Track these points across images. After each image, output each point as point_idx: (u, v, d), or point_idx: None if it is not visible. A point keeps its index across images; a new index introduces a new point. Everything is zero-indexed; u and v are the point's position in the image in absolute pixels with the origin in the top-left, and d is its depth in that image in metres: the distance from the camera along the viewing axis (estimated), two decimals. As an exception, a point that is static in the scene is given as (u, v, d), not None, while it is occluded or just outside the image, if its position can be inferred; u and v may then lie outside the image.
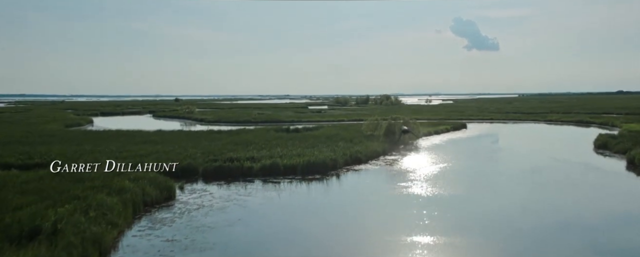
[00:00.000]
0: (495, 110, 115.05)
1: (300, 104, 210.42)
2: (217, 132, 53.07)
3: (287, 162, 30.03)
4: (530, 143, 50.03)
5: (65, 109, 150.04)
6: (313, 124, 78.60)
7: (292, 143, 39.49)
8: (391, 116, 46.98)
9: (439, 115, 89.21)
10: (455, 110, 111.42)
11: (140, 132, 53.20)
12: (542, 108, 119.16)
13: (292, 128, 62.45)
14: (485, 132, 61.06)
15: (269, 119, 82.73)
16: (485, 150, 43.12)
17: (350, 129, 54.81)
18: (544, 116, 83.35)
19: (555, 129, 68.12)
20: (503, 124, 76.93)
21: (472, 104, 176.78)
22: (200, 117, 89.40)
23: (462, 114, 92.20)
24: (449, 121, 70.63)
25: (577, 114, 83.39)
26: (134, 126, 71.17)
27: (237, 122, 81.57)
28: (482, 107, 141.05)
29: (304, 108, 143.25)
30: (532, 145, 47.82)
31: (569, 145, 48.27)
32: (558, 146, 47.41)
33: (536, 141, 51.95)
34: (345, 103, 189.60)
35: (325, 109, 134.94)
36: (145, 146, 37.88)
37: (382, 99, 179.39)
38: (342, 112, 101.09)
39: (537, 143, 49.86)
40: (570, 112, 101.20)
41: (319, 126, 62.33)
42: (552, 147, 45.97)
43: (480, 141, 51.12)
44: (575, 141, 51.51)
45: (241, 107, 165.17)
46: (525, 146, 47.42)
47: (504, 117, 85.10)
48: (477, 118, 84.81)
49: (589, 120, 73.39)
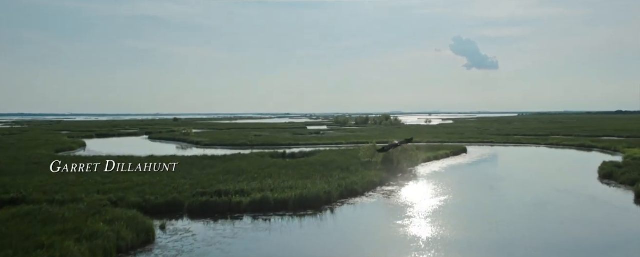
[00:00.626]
0: (495, 132, 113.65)
1: (299, 123, 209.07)
2: (211, 158, 51.59)
3: (279, 197, 28.48)
4: (532, 171, 48.40)
5: (61, 130, 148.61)
6: (310, 147, 77.23)
7: (286, 172, 38.02)
8: (389, 142, 45.36)
9: (439, 138, 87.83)
10: (455, 132, 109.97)
11: (131, 158, 51.72)
12: (542, 129, 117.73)
13: (289, 152, 61.18)
14: (486, 158, 59.46)
15: (265, 142, 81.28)
16: (487, 179, 41.56)
17: (347, 154, 53.37)
18: (545, 139, 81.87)
19: (557, 153, 66.64)
20: (504, 148, 75.45)
21: (472, 124, 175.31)
22: (197, 139, 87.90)
23: (462, 136, 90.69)
24: (448, 145, 69.04)
25: (578, 138, 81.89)
26: (127, 150, 69.62)
27: (234, 145, 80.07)
28: (483, 128, 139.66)
29: (302, 128, 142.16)
30: (535, 173, 46.16)
31: (572, 174, 46.64)
32: (561, 174, 45.85)
33: (538, 168, 50.28)
34: (344, 123, 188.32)
35: (325, 130, 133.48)
36: (132, 175, 36.32)
37: (382, 119, 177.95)
38: (341, 134, 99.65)
39: (540, 171, 48.22)
40: (571, 134, 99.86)
41: (315, 151, 60.92)
42: (555, 175, 44.45)
43: (481, 168, 49.51)
44: (579, 169, 49.88)
45: (239, 127, 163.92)
46: (528, 174, 45.82)
47: (505, 140, 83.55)
48: (478, 141, 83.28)
49: (591, 144, 71.85)
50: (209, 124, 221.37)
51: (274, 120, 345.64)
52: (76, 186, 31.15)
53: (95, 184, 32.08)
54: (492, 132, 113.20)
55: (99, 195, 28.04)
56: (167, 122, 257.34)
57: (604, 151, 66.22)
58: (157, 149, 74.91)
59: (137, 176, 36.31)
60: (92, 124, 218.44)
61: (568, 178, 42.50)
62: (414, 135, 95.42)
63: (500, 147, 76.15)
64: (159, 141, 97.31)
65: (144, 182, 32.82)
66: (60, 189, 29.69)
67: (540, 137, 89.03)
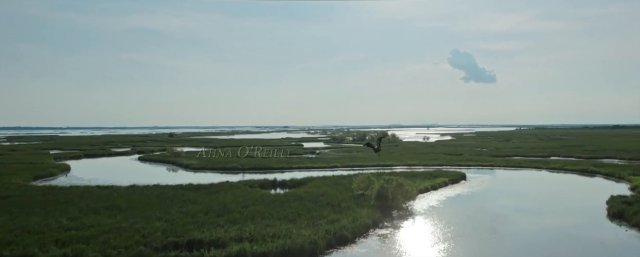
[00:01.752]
0: (494, 151, 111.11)
1: (296, 139, 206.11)
2: (195, 189, 48.75)
3: (258, 249, 25.58)
4: (536, 205, 45.16)
5: (50, 148, 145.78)
6: (304, 171, 74.56)
7: (272, 211, 35.29)
8: (384, 178, 42.45)
9: (436, 160, 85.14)
10: (453, 152, 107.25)
11: (111, 188, 48.91)
12: (542, 149, 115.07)
13: (280, 180, 58.32)
14: (486, 186, 56.35)
15: (257, 165, 78.57)
16: (487, 218, 38.49)
17: (340, 185, 50.57)
18: (546, 162, 79.00)
19: (560, 180, 63.74)
20: (504, 172, 72.73)
21: (470, 141, 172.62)
22: (187, 162, 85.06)
23: (460, 158, 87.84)
24: (446, 170, 66.14)
25: (580, 162, 78.85)
26: (111, 176, 66.89)
27: (224, 169, 77.26)
28: (481, 146, 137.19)
29: (298, 146, 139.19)
30: (539, 209, 42.93)
31: (579, 210, 43.53)
32: (567, 210, 42.82)
33: (542, 202, 47.00)
34: (341, 140, 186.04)
35: (321, 149, 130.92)
36: (102, 217, 33.43)
37: (380, 135, 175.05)
38: (336, 155, 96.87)
39: (544, 206, 44.98)
40: (572, 156, 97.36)
41: (307, 179, 57.97)
42: (561, 213, 41.49)
43: (481, 203, 46.33)
44: (585, 203, 46.72)
45: (235, 145, 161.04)
46: (532, 210, 42.75)
47: (505, 162, 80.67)
48: (476, 163, 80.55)
49: (593, 169, 69.01)
50: (205, 141, 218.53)
51: (271, 135, 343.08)
52: (35, 233, 28.17)
53: (58, 229, 29.15)
54: (491, 151, 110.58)
55: (56, 248, 25.09)
56: (163, 138, 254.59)
57: (608, 178, 63.62)
58: (144, 174, 72.16)
59: (108, 217, 33.45)
60: (85, 140, 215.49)
61: (575, 217, 39.56)
62: (411, 156, 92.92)
63: (500, 171, 73.40)
64: (149, 163, 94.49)
65: (112, 227, 29.90)
66: (14, 239, 26.73)
67: (541, 160, 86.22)
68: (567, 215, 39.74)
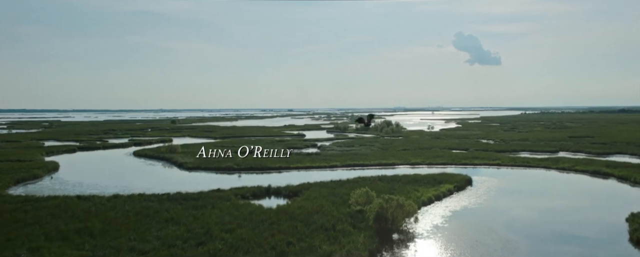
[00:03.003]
0: (500, 143, 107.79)
1: (298, 127, 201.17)
2: (181, 201, 45.65)
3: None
4: (547, 225, 41.23)
5: (47, 138, 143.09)
6: (302, 171, 71.55)
7: (257, 235, 31.97)
8: (383, 197, 38.83)
9: (441, 158, 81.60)
10: (459, 146, 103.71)
11: (91, 200, 45.73)
12: (548, 141, 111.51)
13: (274, 187, 54.83)
14: (493, 194, 52.69)
15: (254, 165, 75.33)
16: (497, 242, 35.07)
17: (338, 195, 47.30)
18: (555, 162, 75.23)
19: (571, 185, 60.14)
20: (511, 172, 69.54)
21: (475, 131, 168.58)
22: (181, 160, 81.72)
23: (466, 156, 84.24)
24: (451, 174, 62.33)
25: (591, 161, 74.65)
26: (97, 179, 63.69)
27: (219, 169, 74.14)
28: (487, 137, 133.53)
29: (299, 137, 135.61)
30: (550, 232, 38.82)
31: (597, 229, 39.77)
32: (582, 233, 38.96)
33: (553, 221, 42.93)
34: (344, 129, 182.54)
35: (323, 140, 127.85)
36: (68, 245, 30.19)
37: (383, 125, 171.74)
38: (337, 152, 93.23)
39: (556, 226, 41.07)
40: (581, 151, 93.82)
41: (304, 186, 54.54)
42: (575, 237, 37.75)
43: (489, 220, 42.59)
44: (602, 221, 42.58)
45: (236, 135, 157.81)
46: (543, 233, 38.79)
47: (512, 161, 76.98)
48: (482, 162, 77.22)
49: (606, 171, 65.59)
50: (206, 129, 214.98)
51: (274, 121, 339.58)
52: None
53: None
54: (497, 145, 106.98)
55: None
56: (164, 125, 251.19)
57: (622, 181, 60.50)
58: (133, 176, 69.13)
59: (76, 246, 30.22)
60: (85, 128, 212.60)
61: (593, 238, 36.04)
62: (414, 152, 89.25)
63: (507, 171, 70.06)
64: (144, 159, 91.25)
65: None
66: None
67: (550, 156, 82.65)
68: (584, 237, 36.23)
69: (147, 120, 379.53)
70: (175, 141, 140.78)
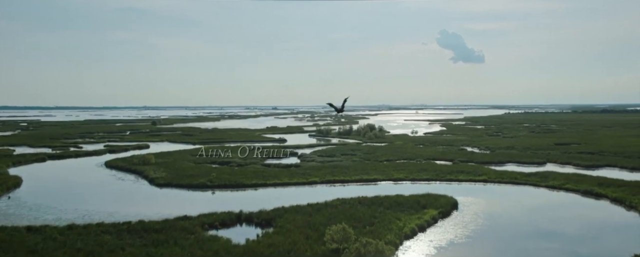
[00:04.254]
0: (485, 153, 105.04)
1: (281, 129, 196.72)
2: (141, 234, 42.08)
3: None
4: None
5: (20, 143, 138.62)
6: (279, 189, 67.97)
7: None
8: (361, 241, 35.23)
9: (425, 172, 78.46)
10: (443, 156, 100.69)
11: (41, 233, 41.80)
12: (535, 150, 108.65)
13: (245, 214, 51.04)
14: (481, 224, 48.88)
15: (228, 181, 71.79)
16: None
17: (313, 228, 43.75)
18: (544, 178, 71.97)
19: (562, 210, 56.94)
20: (499, 190, 66.77)
21: (460, 136, 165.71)
22: (153, 174, 77.80)
23: (451, 169, 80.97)
24: (436, 196, 58.52)
25: (582, 178, 70.76)
26: (57, 201, 59.20)
27: (191, 186, 70.50)
28: (472, 143, 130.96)
29: (280, 143, 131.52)
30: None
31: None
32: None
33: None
34: (327, 133, 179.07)
35: (304, 147, 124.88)
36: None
37: (366, 130, 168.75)
38: (317, 164, 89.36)
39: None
40: (569, 162, 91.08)
41: (278, 212, 50.88)
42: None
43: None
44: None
45: (216, 140, 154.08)
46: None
47: (499, 177, 73.77)
48: (468, 178, 74.31)
49: (598, 191, 62.47)
50: (186, 131, 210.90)
51: (258, 121, 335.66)
52: None
53: None
54: (482, 155, 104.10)
55: None
56: (145, 126, 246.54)
57: (617, 203, 57.68)
58: (98, 196, 64.77)
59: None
60: (62, 131, 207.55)
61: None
62: (397, 166, 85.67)
63: (494, 190, 67.32)
64: (115, 171, 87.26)
65: None
66: None
67: (538, 170, 79.48)
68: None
69: (128, 120, 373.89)
70: (152, 146, 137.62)
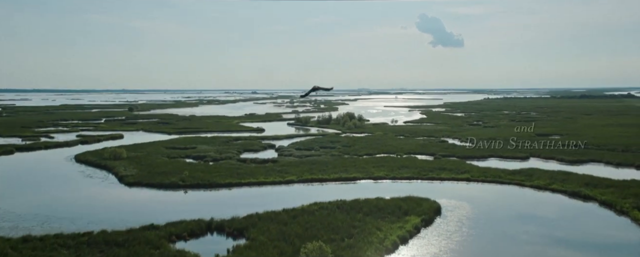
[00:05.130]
0: (467, 146, 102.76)
1: (259, 117, 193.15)
2: (103, 247, 38.71)
3: None
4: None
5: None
6: (254, 189, 65.13)
7: None
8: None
9: (406, 169, 75.90)
10: (425, 150, 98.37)
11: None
12: (518, 140, 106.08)
13: (216, 223, 47.82)
14: (466, 232, 46.53)
15: (201, 180, 68.54)
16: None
17: (288, 240, 40.91)
18: (528, 176, 69.57)
19: (549, 213, 54.55)
20: (482, 189, 64.67)
21: (441, 126, 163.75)
22: (123, 172, 74.42)
23: (432, 166, 78.43)
24: (418, 200, 55.85)
25: (568, 177, 68.11)
26: (21, 200, 54.95)
27: (162, 185, 67.34)
28: (453, 134, 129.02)
29: (258, 139, 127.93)
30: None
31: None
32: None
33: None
34: (306, 122, 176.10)
35: (282, 138, 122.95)
36: None
37: (346, 119, 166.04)
38: (295, 159, 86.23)
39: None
40: (553, 157, 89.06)
41: (251, 220, 47.97)
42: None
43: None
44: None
45: (192, 130, 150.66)
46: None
47: (482, 175, 71.25)
48: (450, 176, 71.95)
49: (586, 193, 60.17)
50: (163, 118, 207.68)
51: (236, 107, 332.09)
52: None
53: None
54: (464, 149, 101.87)
55: None
56: (121, 113, 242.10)
57: (606, 207, 55.63)
58: (62, 196, 61.22)
59: None
60: (37, 117, 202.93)
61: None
62: (377, 162, 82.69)
63: (478, 190, 65.05)
64: (84, 167, 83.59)
65: None
66: None
67: (522, 167, 77.01)
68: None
69: (104, 105, 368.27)
70: (126, 136, 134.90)
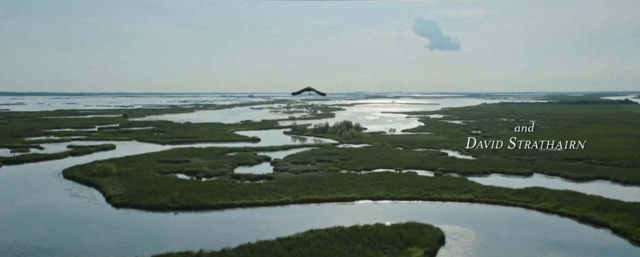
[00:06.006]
0: (467, 159, 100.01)
1: (254, 125, 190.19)
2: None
3: None
4: None
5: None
6: (248, 211, 62.15)
7: None
8: None
9: (407, 188, 72.92)
10: (424, 164, 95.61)
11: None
12: (518, 154, 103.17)
13: (206, 256, 44.92)
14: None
15: (192, 202, 65.51)
16: None
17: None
18: (534, 197, 66.42)
19: (561, 243, 51.67)
20: (487, 212, 61.88)
21: (440, 134, 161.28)
22: (111, 191, 71.47)
23: (433, 183, 75.17)
24: (420, 226, 52.77)
25: (577, 200, 64.32)
26: None
27: (151, 207, 64.31)
28: (453, 145, 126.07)
29: (252, 148, 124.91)
30: None
31: None
32: None
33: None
34: (302, 131, 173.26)
35: (277, 150, 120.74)
36: None
37: (343, 128, 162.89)
38: (290, 175, 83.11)
39: None
40: (558, 173, 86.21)
41: (241, 252, 44.93)
42: None
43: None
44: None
45: (187, 140, 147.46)
46: None
47: (486, 195, 67.98)
48: (452, 196, 69.23)
49: (598, 219, 56.95)
50: (158, 125, 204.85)
51: (233, 113, 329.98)
52: None
53: None
54: (465, 162, 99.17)
55: None
56: (115, 120, 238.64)
57: (620, 235, 52.70)
58: (41, 222, 57.28)
59: None
60: (30, 124, 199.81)
61: None
62: (375, 178, 79.20)
63: (482, 213, 61.99)
64: (71, 183, 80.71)
65: None
66: None
67: (526, 185, 73.77)
68: None
69: (99, 110, 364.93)
70: (118, 147, 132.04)
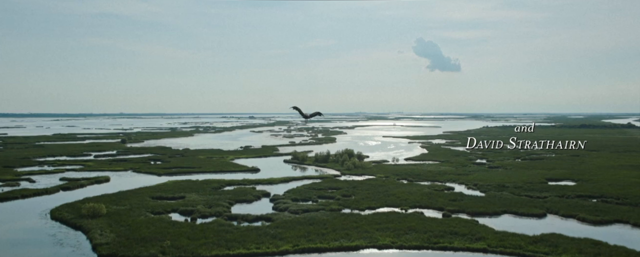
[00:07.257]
0: (475, 195, 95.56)
1: (254, 152, 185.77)
2: None
3: None
4: None
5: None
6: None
7: None
8: None
9: (415, 233, 68.88)
10: (431, 200, 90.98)
11: None
12: (529, 189, 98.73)
13: None
14: None
15: (184, 253, 61.04)
16: None
17: None
18: (553, 247, 61.91)
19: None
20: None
21: (444, 163, 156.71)
22: (98, 238, 66.77)
23: (443, 231, 70.56)
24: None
25: (600, 253, 60.61)
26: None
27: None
28: (458, 178, 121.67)
29: (249, 181, 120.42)
30: None
31: None
32: None
33: None
34: (303, 160, 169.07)
35: (277, 183, 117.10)
36: None
37: (345, 157, 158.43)
38: (290, 217, 78.40)
39: None
40: (573, 215, 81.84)
41: None
42: None
43: None
44: None
45: (184, 170, 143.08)
46: None
47: (500, 244, 63.60)
48: (464, 244, 64.90)
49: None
50: (156, 153, 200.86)
51: (233, 137, 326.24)
52: None
53: None
54: (474, 200, 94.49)
55: None
56: (112, 146, 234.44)
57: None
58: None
59: None
60: (25, 152, 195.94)
61: None
62: (380, 220, 74.64)
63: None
64: (58, 225, 76.61)
65: None
66: None
67: (544, 233, 69.24)
68: None
69: (98, 135, 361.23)
70: (113, 179, 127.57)
